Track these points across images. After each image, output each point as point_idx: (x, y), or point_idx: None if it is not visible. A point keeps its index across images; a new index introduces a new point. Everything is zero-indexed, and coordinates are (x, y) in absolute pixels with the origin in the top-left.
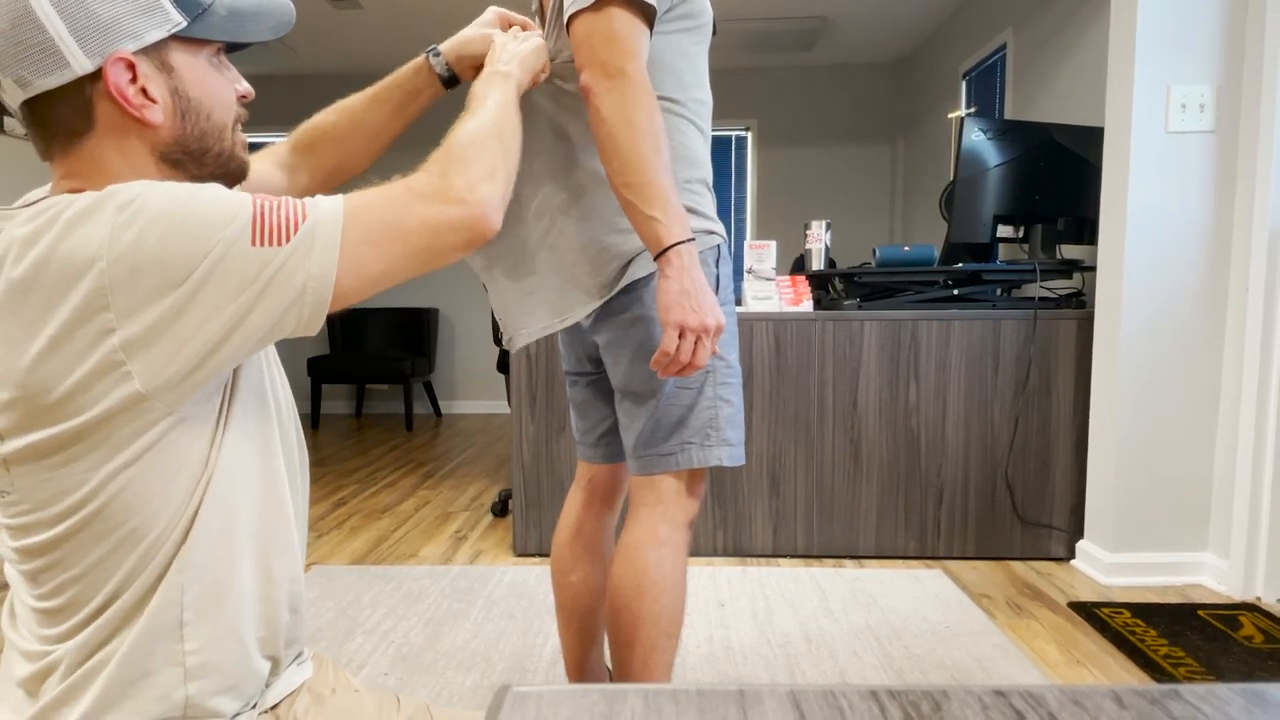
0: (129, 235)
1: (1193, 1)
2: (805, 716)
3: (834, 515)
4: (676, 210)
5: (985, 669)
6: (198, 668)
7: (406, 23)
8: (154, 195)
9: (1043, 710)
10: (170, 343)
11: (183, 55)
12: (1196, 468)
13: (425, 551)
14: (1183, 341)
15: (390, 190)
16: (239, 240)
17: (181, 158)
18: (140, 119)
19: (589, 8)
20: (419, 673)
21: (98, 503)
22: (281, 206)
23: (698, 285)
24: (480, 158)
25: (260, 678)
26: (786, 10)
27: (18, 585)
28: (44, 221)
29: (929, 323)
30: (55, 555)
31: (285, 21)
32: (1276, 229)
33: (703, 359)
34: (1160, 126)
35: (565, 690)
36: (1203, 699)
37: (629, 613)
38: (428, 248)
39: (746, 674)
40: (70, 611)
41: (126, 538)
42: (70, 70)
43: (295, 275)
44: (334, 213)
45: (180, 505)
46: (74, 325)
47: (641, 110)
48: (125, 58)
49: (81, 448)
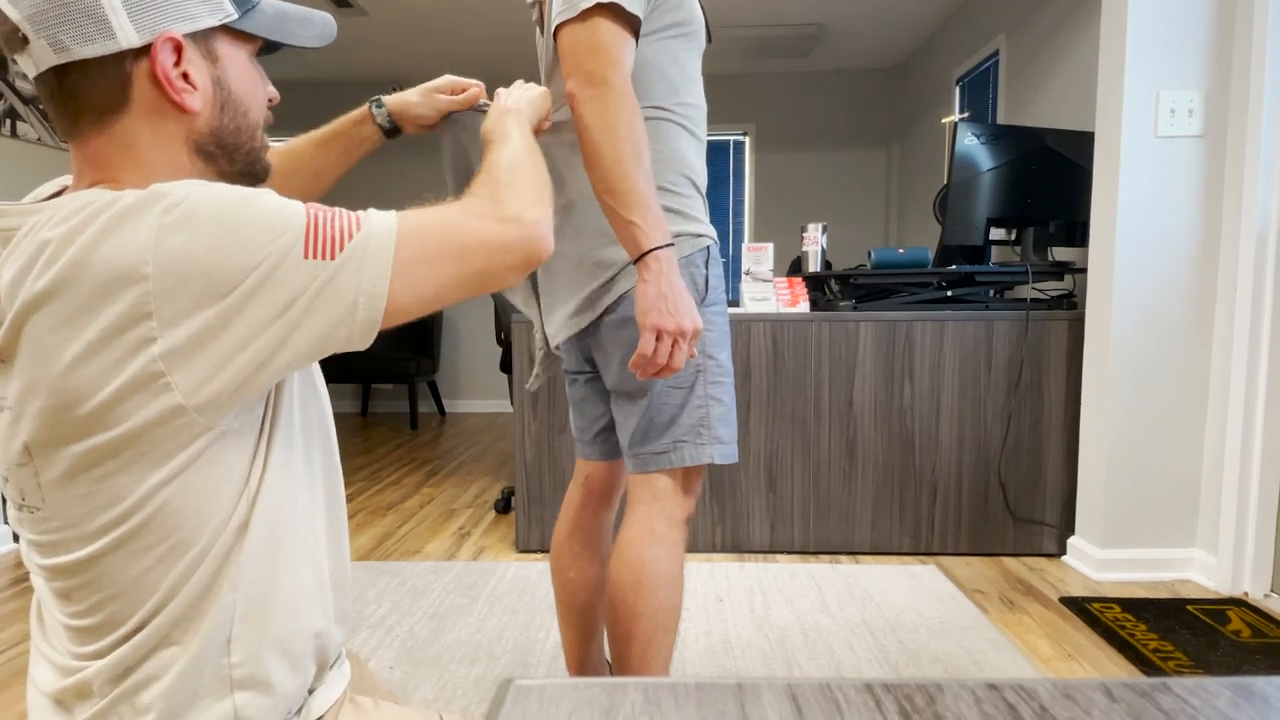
0: (177, 240)
1: (1182, 9)
2: (802, 710)
3: (830, 512)
4: (656, 216)
5: (978, 663)
6: (244, 679)
7: (410, 29)
8: (205, 198)
9: (1035, 703)
10: (214, 355)
11: (228, 47)
12: (1185, 465)
13: (429, 548)
14: (1171, 342)
15: (446, 210)
16: (292, 251)
17: (214, 150)
18: (179, 104)
19: (574, 18)
20: (423, 666)
21: (138, 519)
22: (335, 218)
23: (675, 289)
24: (527, 182)
25: (304, 686)
26: (784, 18)
27: (47, 601)
28: (81, 220)
29: (923, 323)
30: (90, 574)
31: (329, 33)
32: (1263, 231)
33: (679, 361)
34: (1150, 131)
35: (567, 684)
36: (1191, 692)
37: (626, 608)
38: (484, 268)
39: (744, 668)
40: (107, 629)
41: (168, 554)
42: (115, 42)
43: (346, 290)
44: (387, 227)
45: (225, 519)
46: (113, 333)
47: (623, 118)
48: (174, 38)
49: (119, 461)
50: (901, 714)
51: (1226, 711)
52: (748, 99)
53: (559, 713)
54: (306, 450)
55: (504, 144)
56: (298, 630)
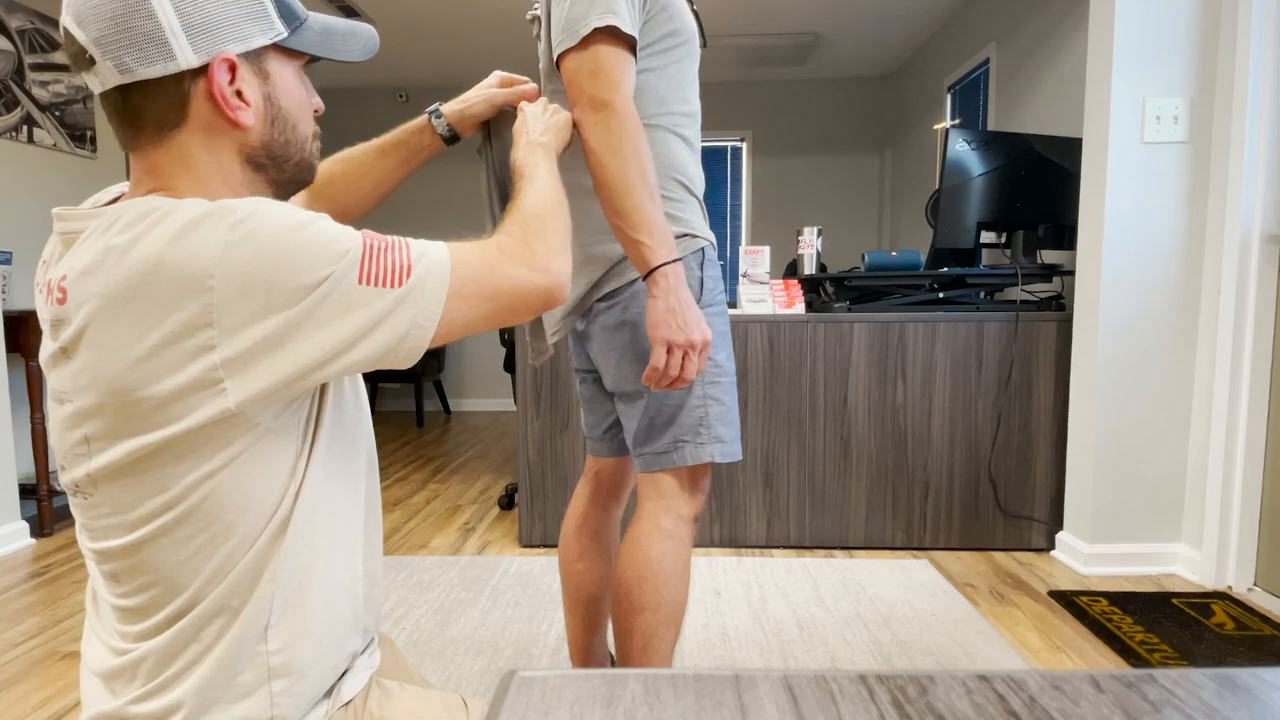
0: (242, 255)
1: (1167, 18)
2: (797, 700)
3: (825, 508)
4: (663, 233)
5: (969, 654)
6: (280, 667)
7: (416, 36)
8: (268, 217)
9: (1024, 694)
10: (268, 367)
11: (278, 64)
12: (1171, 463)
13: (435, 542)
14: (1157, 342)
15: (485, 251)
16: (347, 277)
17: (265, 161)
18: (233, 120)
19: (575, 46)
20: (429, 658)
21: (181, 509)
22: (390, 250)
23: (684, 303)
24: (554, 229)
25: (336, 672)
26: (780, 27)
27: (99, 583)
28: (146, 227)
29: (915, 324)
30: (135, 558)
31: (372, 46)
32: (1246, 235)
33: (691, 373)
34: (1136, 137)
35: (569, 675)
36: (1176, 683)
37: (631, 601)
38: (509, 308)
39: (741, 659)
40: (151, 611)
41: (208, 543)
42: (175, 63)
43: (401, 322)
44: (444, 264)
45: (267, 511)
46: (177, 337)
47: (627, 140)
48: (230, 58)
49: (168, 456)
50: (894, 704)
51: (1211, 702)
52: (745, 106)
53: (561, 703)
54: (351, 448)
55: (533, 181)
56: (332, 620)
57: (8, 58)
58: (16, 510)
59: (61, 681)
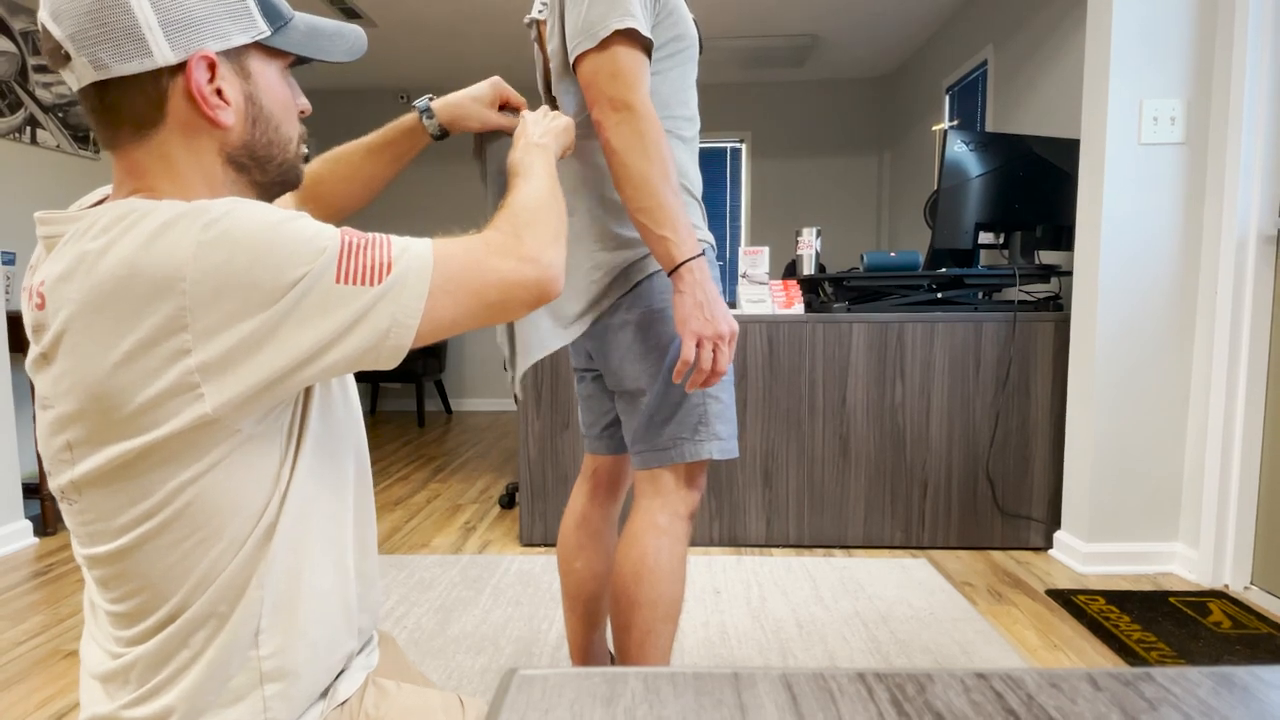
0: (216, 256)
1: (1164, 20)
2: (796, 698)
3: (824, 507)
4: (686, 229)
5: (967, 653)
6: (273, 671)
7: (418, 38)
8: (243, 217)
9: (1022, 692)
10: (246, 370)
11: (260, 63)
12: (1168, 462)
13: (436, 542)
14: (1154, 342)
15: (471, 244)
16: (324, 275)
17: (247, 162)
18: (212, 119)
19: (594, 48)
20: (430, 656)
21: (164, 515)
22: (370, 247)
23: (710, 296)
24: (546, 222)
25: (331, 673)
26: (779, 29)
27: (91, 586)
28: (120, 231)
29: (914, 325)
30: (122, 564)
31: (359, 47)
32: (1243, 235)
33: (723, 365)
34: (1133, 139)
35: (569, 673)
36: (1173, 681)
37: (627, 597)
38: (499, 302)
39: (741, 657)
40: (140, 617)
41: (194, 549)
42: (152, 60)
43: (381, 320)
44: (425, 260)
45: (253, 517)
46: (151, 342)
47: (649, 139)
48: (208, 56)
49: (150, 462)
50: (893, 703)
51: (1207, 700)
52: (744, 107)
53: (561, 701)
54: (339, 452)
55: (528, 180)
56: (325, 622)
57: (11, 59)
58: (20, 509)
59: (64, 680)
